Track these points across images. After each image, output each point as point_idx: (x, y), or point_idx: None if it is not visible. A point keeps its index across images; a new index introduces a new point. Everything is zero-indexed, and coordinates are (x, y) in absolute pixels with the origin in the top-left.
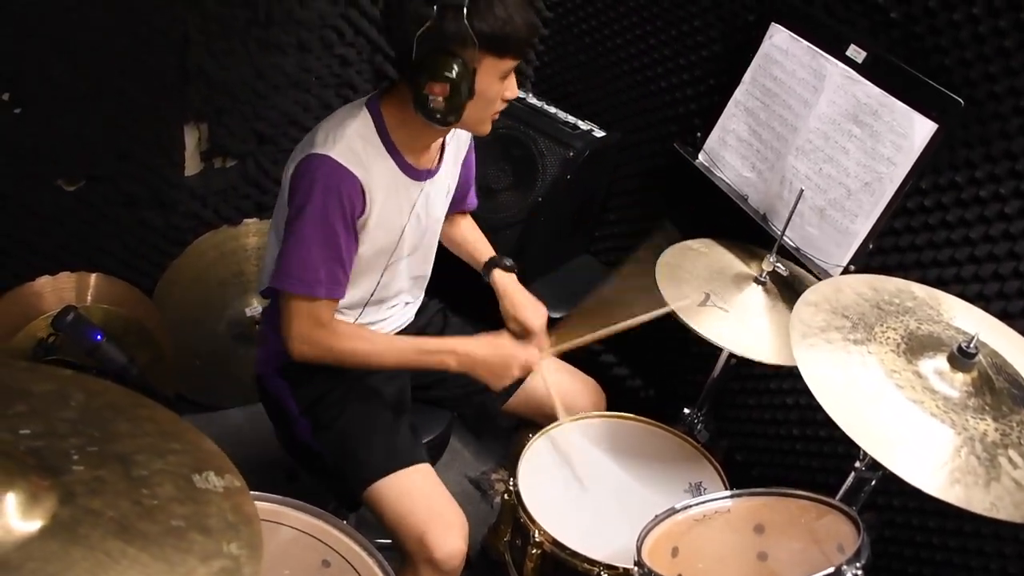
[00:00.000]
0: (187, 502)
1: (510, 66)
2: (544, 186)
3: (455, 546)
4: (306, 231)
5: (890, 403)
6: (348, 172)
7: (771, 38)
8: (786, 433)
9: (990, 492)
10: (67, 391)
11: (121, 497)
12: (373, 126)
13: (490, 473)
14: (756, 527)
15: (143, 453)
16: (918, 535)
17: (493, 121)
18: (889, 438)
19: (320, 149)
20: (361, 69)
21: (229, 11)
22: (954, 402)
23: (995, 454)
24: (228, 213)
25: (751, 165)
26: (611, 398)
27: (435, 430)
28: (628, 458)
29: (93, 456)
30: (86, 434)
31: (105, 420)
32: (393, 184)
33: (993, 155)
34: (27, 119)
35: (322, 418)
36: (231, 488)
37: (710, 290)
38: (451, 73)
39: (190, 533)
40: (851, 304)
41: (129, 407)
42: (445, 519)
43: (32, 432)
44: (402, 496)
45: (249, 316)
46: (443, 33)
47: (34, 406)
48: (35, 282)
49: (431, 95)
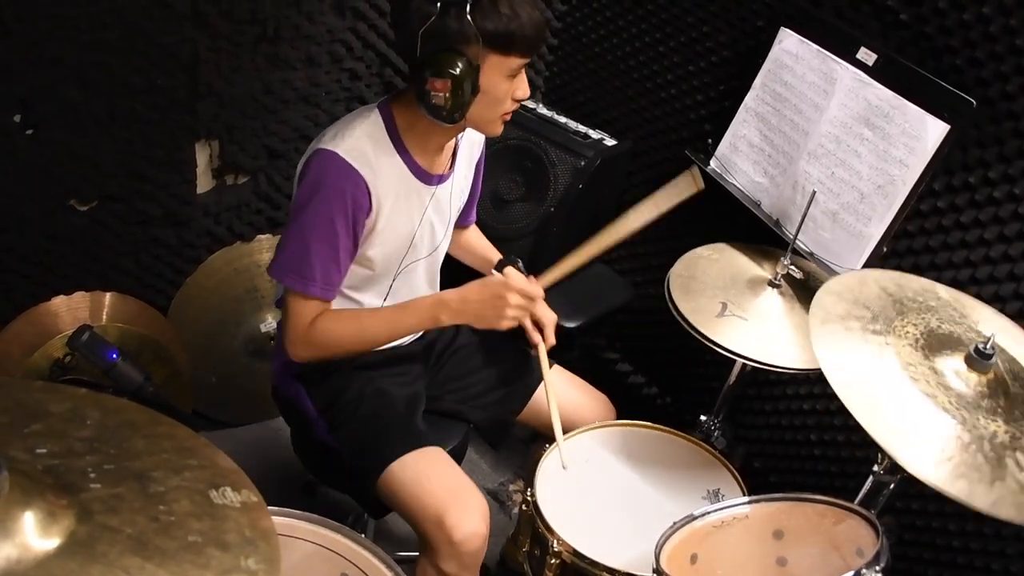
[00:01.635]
0: (204, 518)
1: (517, 64)
2: (556, 196)
3: (475, 527)
4: (307, 226)
5: (903, 394)
6: (353, 170)
7: (781, 42)
8: (803, 439)
9: (993, 490)
10: (83, 410)
11: (138, 514)
12: (383, 127)
13: (508, 484)
14: (775, 532)
15: (160, 470)
16: (937, 539)
17: (504, 122)
18: (898, 427)
19: (328, 145)
20: (370, 82)
21: (238, 28)
22: (967, 400)
23: (1003, 455)
24: (241, 229)
25: (763, 170)
26: (627, 406)
27: (452, 441)
28: (645, 466)
29: (110, 474)
30: (103, 452)
31: (122, 438)
32: (403, 186)
33: (1007, 155)
34: (40, 140)
35: (338, 416)
36: (248, 503)
37: (726, 299)
38: (454, 70)
39: (207, 548)
40: (873, 297)
41: (145, 424)
42: (464, 499)
43: (49, 451)
44: (419, 477)
45: (264, 332)
46: (446, 30)
47: (51, 425)
48: (50, 302)
49: (433, 91)
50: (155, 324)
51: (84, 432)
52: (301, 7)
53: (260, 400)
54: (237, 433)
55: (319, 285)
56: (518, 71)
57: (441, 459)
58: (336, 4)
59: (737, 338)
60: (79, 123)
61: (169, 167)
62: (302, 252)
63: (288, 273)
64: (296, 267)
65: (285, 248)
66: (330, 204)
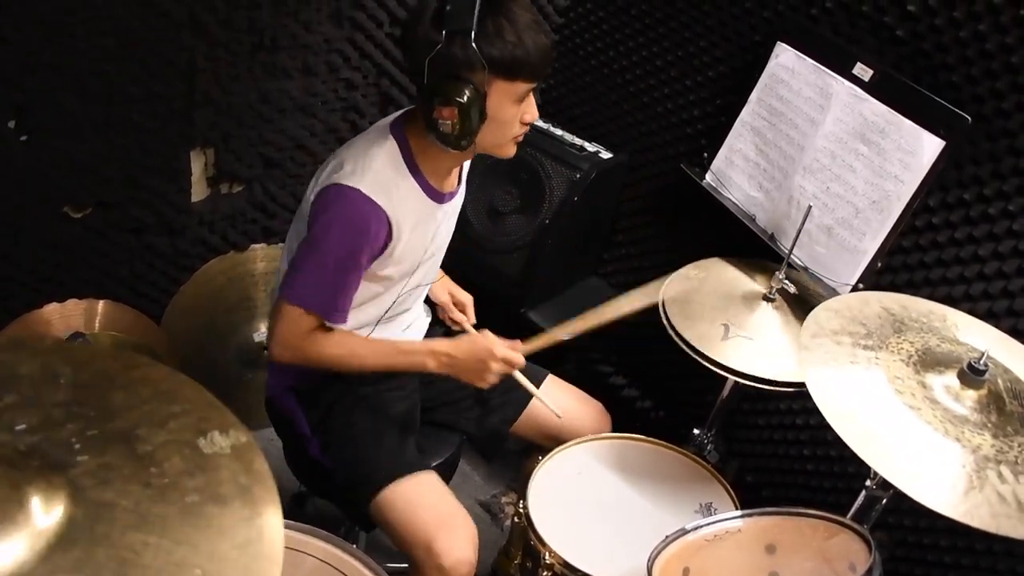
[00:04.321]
0: (197, 472)
1: (524, 89)
2: (551, 208)
3: (464, 553)
4: (322, 258)
5: (885, 406)
6: (375, 206)
7: (777, 57)
8: (796, 453)
9: (967, 499)
10: (54, 366)
11: (131, 482)
12: (399, 153)
13: (500, 496)
14: (767, 547)
15: (144, 425)
16: (929, 554)
17: (517, 143)
18: (874, 435)
19: (348, 181)
20: (367, 93)
21: (235, 37)
22: (953, 414)
23: (984, 467)
24: (235, 239)
25: (758, 185)
26: (621, 419)
27: (444, 453)
28: (638, 479)
29: (95, 441)
30: (83, 416)
31: (99, 394)
32: (420, 210)
33: (1001, 172)
34: (35, 147)
35: (331, 435)
36: (238, 445)
37: (726, 320)
38: (461, 97)
39: (206, 507)
40: (873, 316)
41: (121, 371)
42: (453, 526)
43: (28, 426)
44: (410, 502)
45: (257, 341)
46: (452, 58)
47: (23, 393)
48: (43, 309)
49: (441, 119)
50: (148, 332)
51: (59, 395)
52: (299, 17)
53: (252, 410)
54: None
55: (325, 310)
56: (525, 95)
57: (432, 484)
58: (334, 14)
59: (744, 359)
60: (75, 130)
61: (164, 175)
62: (316, 279)
63: (296, 294)
64: (309, 293)
65: (296, 273)
66: (351, 241)
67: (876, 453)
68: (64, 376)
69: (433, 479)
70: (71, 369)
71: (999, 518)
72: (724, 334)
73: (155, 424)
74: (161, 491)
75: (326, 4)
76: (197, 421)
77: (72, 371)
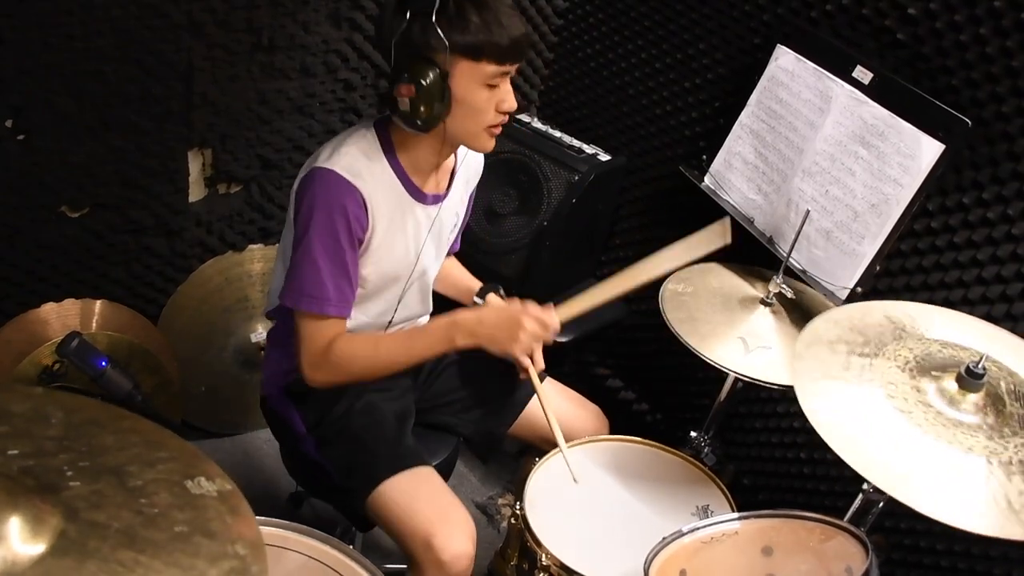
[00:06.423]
0: (186, 508)
1: (492, 71)
2: (549, 210)
3: (462, 547)
4: (313, 246)
5: (876, 410)
6: (350, 185)
7: (777, 60)
8: (793, 456)
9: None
10: (45, 409)
11: (122, 508)
12: (378, 144)
13: (497, 498)
14: (764, 549)
15: (134, 464)
16: (925, 558)
17: (494, 135)
18: (858, 438)
19: (323, 163)
20: (365, 93)
21: (233, 37)
22: (946, 417)
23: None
24: (233, 239)
25: (757, 187)
26: (618, 422)
27: (441, 455)
28: (635, 481)
29: (87, 471)
30: (74, 449)
31: (90, 435)
32: (398, 204)
33: (1000, 176)
34: (32, 147)
35: (327, 434)
36: (223, 492)
37: (741, 335)
38: (418, 75)
39: (195, 537)
40: (874, 324)
41: (110, 420)
42: (452, 520)
43: (20, 452)
44: (407, 497)
45: (254, 342)
46: (413, 38)
47: (16, 426)
48: (40, 309)
49: (399, 96)
50: (145, 333)
51: (51, 431)
52: (297, 17)
53: (249, 410)
54: (225, 443)
55: (334, 303)
56: (496, 80)
57: (430, 479)
58: (332, 15)
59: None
60: (72, 131)
61: (162, 176)
62: (313, 273)
63: (302, 297)
64: (309, 289)
65: (296, 274)
66: (332, 221)
67: (865, 460)
68: (55, 418)
69: (429, 473)
70: (63, 413)
71: (997, 521)
72: (745, 349)
73: (145, 463)
74: (151, 519)
75: (324, 5)
76: (185, 467)
77: (64, 415)
